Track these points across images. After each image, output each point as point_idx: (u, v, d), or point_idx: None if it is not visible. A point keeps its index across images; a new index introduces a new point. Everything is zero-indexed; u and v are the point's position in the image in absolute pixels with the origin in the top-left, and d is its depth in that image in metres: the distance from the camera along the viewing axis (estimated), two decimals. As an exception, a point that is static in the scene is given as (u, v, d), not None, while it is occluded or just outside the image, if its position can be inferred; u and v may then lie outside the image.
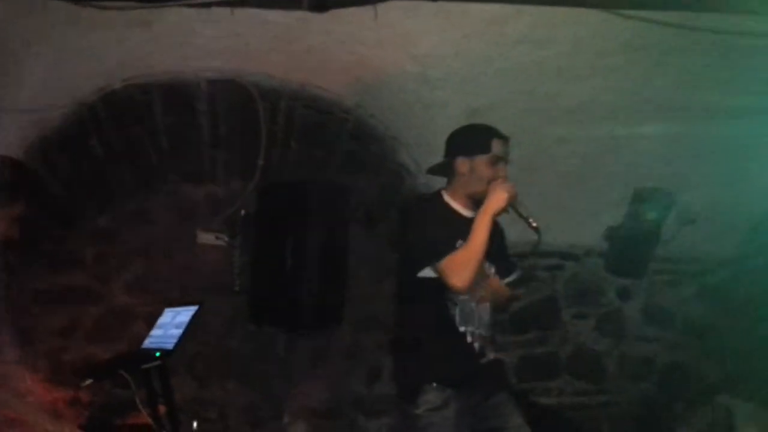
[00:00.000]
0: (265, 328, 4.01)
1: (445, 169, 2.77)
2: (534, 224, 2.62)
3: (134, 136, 3.86)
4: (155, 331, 3.55)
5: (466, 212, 2.71)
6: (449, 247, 2.55)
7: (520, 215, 2.65)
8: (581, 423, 4.45)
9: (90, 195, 3.97)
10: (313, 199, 3.83)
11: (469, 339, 2.62)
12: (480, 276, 2.61)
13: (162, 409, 3.39)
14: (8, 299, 3.66)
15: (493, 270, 2.74)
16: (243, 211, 4.05)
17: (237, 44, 3.42)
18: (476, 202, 2.68)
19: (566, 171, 3.92)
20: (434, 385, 2.54)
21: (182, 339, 3.29)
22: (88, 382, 3.21)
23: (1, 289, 3.67)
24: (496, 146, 2.67)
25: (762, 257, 4.46)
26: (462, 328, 2.61)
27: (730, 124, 3.74)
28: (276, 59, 3.52)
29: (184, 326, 3.34)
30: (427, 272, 2.57)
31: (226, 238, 4.03)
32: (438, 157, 2.83)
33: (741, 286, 4.58)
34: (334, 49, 3.37)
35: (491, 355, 2.67)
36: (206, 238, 4.07)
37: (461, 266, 2.50)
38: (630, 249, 4.37)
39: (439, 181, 2.85)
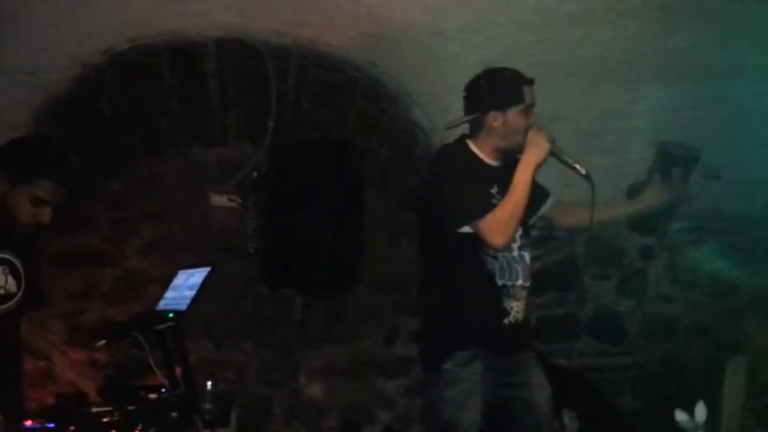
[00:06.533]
0: (281, 290, 4.00)
1: (472, 124, 2.64)
2: (583, 171, 2.49)
3: (143, 99, 3.82)
4: (169, 293, 3.53)
5: (493, 162, 2.61)
6: (486, 202, 2.45)
7: (566, 163, 2.52)
8: (602, 385, 4.39)
9: (101, 158, 3.95)
10: (326, 159, 3.77)
11: (505, 294, 2.54)
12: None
13: (178, 370, 3.40)
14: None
15: None
16: (255, 173, 4.01)
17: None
18: (506, 152, 2.58)
19: (585, 125, 3.78)
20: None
21: (195, 300, 3.27)
22: (102, 342, 3.23)
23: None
24: (527, 93, 2.54)
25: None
26: (501, 282, 2.53)
27: (762, 77, 3.57)
28: (283, 14, 3.43)
29: (197, 287, 3.33)
30: (463, 228, 2.48)
31: (239, 200, 4.00)
32: (452, 113, 2.73)
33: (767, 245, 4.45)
34: (341, 1, 3.27)
35: (523, 314, 2.61)
36: (219, 200, 4.05)
37: (503, 225, 2.41)
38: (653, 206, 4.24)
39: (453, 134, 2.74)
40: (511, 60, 3.27)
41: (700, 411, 3.09)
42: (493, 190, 2.50)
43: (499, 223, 2.41)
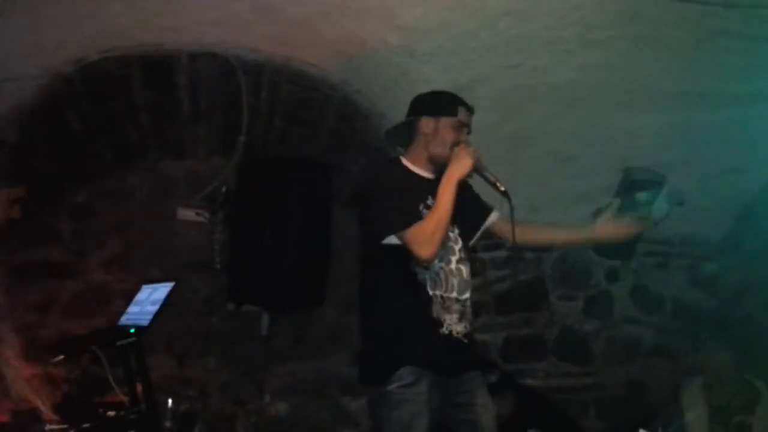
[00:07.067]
0: (246, 306, 3.96)
1: (408, 130, 2.70)
2: (502, 188, 2.54)
3: (112, 111, 3.77)
4: (132, 308, 3.49)
5: (427, 174, 2.65)
6: (413, 214, 2.50)
7: (487, 180, 2.57)
8: (567, 405, 4.42)
9: (67, 170, 3.88)
10: (295, 176, 3.76)
11: (438, 305, 2.53)
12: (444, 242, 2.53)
13: (139, 387, 3.33)
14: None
15: (457, 231, 2.64)
16: (224, 188, 3.98)
17: (218, 15, 3.31)
18: (437, 165, 2.62)
19: (554, 149, 3.84)
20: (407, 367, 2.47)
21: (157, 315, 3.23)
22: (59, 357, 3.15)
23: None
24: (462, 113, 2.64)
25: (752, 242, 4.41)
26: (431, 292, 2.53)
27: (728, 106, 3.64)
28: (257, 31, 3.42)
29: (160, 303, 3.28)
30: (391, 239, 2.49)
31: (207, 215, 3.97)
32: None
33: (731, 270, 4.53)
34: (317, 21, 3.27)
35: (462, 328, 2.58)
36: (186, 214, 4.00)
37: (427, 236, 2.43)
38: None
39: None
40: (483, 84, 3.33)
41: None
42: (429, 202, 2.55)
43: (423, 235, 2.43)
